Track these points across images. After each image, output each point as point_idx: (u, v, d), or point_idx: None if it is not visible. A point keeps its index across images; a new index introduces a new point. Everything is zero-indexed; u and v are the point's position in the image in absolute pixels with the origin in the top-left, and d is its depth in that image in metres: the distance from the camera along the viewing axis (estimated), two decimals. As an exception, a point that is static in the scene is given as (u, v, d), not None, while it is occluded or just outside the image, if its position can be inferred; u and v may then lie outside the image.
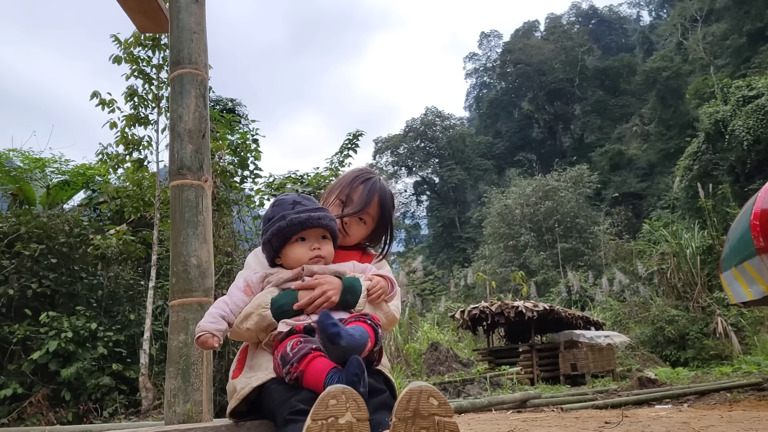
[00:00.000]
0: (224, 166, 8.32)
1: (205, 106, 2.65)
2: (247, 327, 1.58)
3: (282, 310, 1.56)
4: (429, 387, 1.29)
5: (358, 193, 1.88)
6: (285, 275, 1.65)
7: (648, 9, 74.26)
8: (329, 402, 1.24)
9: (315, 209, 1.69)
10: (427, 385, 1.30)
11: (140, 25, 3.52)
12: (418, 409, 1.27)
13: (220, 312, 1.61)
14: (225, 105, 19.62)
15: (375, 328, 1.52)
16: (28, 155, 10.53)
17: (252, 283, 1.67)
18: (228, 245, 8.33)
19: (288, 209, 1.69)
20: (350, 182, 1.91)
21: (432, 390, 1.29)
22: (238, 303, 1.64)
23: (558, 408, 6.13)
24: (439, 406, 1.28)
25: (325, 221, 1.68)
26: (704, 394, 6.83)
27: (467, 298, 27.67)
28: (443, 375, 11.07)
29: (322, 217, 1.67)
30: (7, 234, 7.59)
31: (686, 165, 26.83)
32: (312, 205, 1.71)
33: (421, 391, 1.28)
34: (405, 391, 1.29)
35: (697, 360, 15.07)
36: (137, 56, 7.89)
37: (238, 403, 1.59)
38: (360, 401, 1.27)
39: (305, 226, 1.65)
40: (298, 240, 1.68)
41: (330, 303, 1.57)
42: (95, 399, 7.16)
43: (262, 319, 1.56)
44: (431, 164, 58.19)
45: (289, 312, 1.56)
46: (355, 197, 1.87)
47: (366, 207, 1.85)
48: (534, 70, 58.99)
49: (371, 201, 1.87)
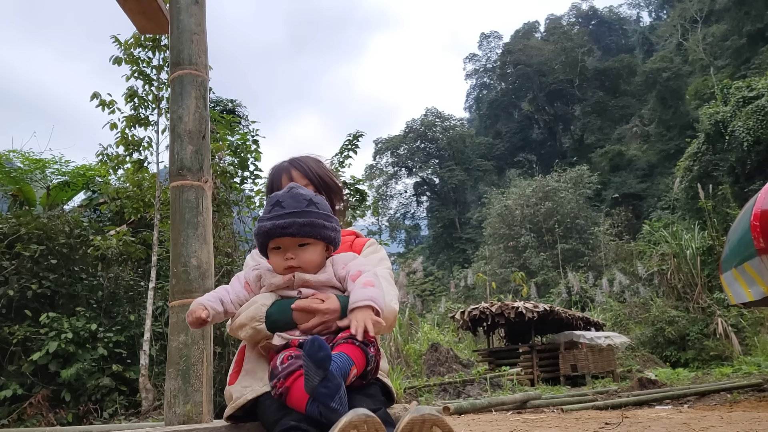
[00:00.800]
0: (224, 167, 8.32)
1: (205, 107, 2.65)
2: (242, 336, 1.57)
3: (276, 325, 1.52)
4: (432, 416, 1.21)
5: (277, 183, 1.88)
6: (276, 281, 1.58)
7: (648, 10, 74.31)
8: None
9: (285, 215, 1.52)
10: (430, 413, 1.23)
11: (140, 26, 3.53)
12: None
13: (219, 296, 1.57)
14: (225, 106, 19.64)
15: (366, 353, 1.42)
16: (29, 156, 10.53)
17: (250, 281, 1.63)
18: (228, 246, 8.34)
19: (266, 212, 1.57)
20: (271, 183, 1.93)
21: (436, 419, 1.22)
22: (239, 295, 1.60)
23: (558, 409, 6.13)
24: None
25: (292, 230, 1.52)
26: (704, 395, 6.83)
27: (467, 298, 27.68)
28: (443, 376, 11.07)
29: (288, 225, 1.51)
30: (8, 235, 7.59)
31: (686, 166, 26.83)
32: (291, 207, 1.54)
33: (424, 421, 1.20)
34: (407, 420, 1.21)
35: (697, 361, 15.07)
36: (137, 57, 7.90)
37: (233, 411, 1.59)
38: (381, 429, 1.20)
39: (270, 236, 1.54)
40: (273, 248, 1.57)
41: (330, 330, 1.51)
42: (95, 400, 7.15)
43: (256, 332, 1.53)
44: (431, 165, 58.21)
45: (282, 327, 1.52)
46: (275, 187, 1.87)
47: (274, 188, 1.86)
48: (534, 71, 59.00)
49: (278, 178, 1.89)
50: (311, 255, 1.57)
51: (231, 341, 7.54)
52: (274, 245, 1.56)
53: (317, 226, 1.55)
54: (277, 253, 1.57)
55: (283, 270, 1.57)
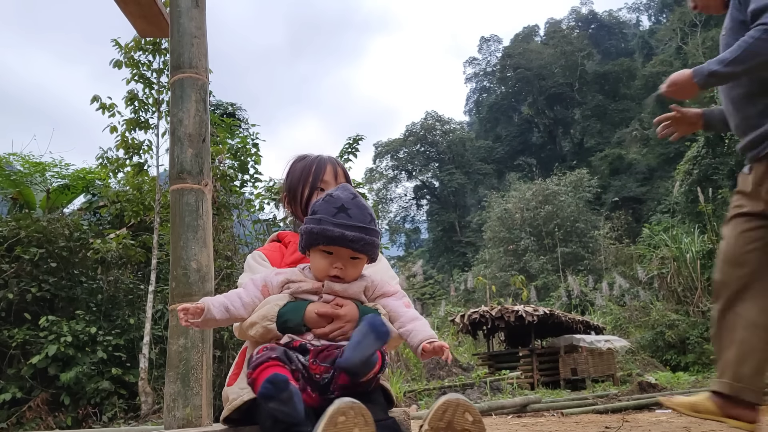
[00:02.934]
0: (224, 170, 8.32)
1: (205, 110, 2.66)
2: (252, 335, 1.55)
3: (287, 325, 1.51)
4: (466, 402, 1.27)
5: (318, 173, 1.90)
6: (305, 287, 1.57)
7: (647, 14, 74.45)
8: (338, 419, 1.22)
9: (354, 227, 1.50)
10: (464, 399, 1.28)
11: (141, 30, 3.54)
12: (452, 422, 1.25)
13: (227, 302, 1.55)
14: (225, 109, 19.67)
15: (383, 357, 1.45)
16: (29, 159, 10.52)
17: (272, 285, 1.60)
18: (228, 249, 8.33)
19: (330, 213, 1.52)
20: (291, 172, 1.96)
21: (469, 405, 1.27)
22: (254, 299, 1.58)
23: (558, 412, 6.12)
24: (474, 422, 1.26)
25: (357, 245, 1.50)
26: (705, 398, 6.81)
27: (467, 302, 27.66)
28: (443, 379, 11.06)
29: (356, 239, 1.49)
30: (7, 238, 7.59)
31: (686, 169, 26.83)
32: (357, 219, 1.51)
33: (458, 405, 1.26)
34: (442, 401, 1.26)
35: (697, 364, 15.05)
36: (138, 60, 7.90)
37: (230, 413, 1.59)
38: (368, 416, 1.24)
39: (333, 242, 1.51)
40: (324, 252, 1.55)
41: (345, 337, 1.51)
42: (94, 403, 7.14)
43: (266, 331, 1.51)
44: (431, 168, 58.26)
45: (295, 329, 1.51)
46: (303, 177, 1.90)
47: (319, 176, 1.89)
48: (534, 75, 59.09)
49: (322, 168, 1.91)
50: (357, 270, 1.59)
51: (231, 344, 7.53)
52: (327, 250, 1.53)
53: (375, 246, 1.56)
54: (325, 257, 1.55)
55: (325, 276, 1.56)
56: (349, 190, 1.58)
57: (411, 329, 1.53)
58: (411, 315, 1.57)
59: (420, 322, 1.54)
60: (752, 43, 2.17)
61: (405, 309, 1.58)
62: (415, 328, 1.52)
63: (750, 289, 2.45)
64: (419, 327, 1.53)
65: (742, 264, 2.47)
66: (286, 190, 1.96)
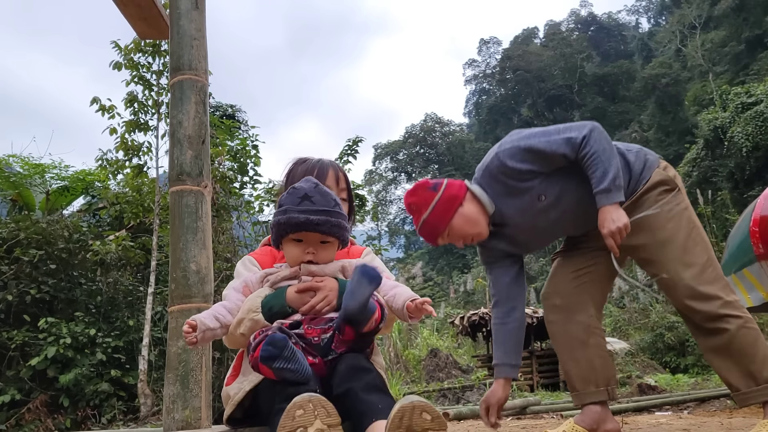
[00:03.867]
0: (224, 172, 8.32)
1: (205, 112, 2.66)
2: (241, 332, 1.56)
3: (273, 312, 1.53)
4: (421, 402, 1.26)
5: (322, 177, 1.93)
6: (283, 273, 1.62)
7: (647, 16, 74.56)
8: (296, 413, 1.23)
9: (319, 211, 1.56)
10: (419, 399, 1.28)
11: (141, 32, 3.53)
12: (411, 425, 1.24)
13: (214, 312, 1.59)
14: (225, 111, 19.67)
15: (382, 304, 1.53)
16: (28, 161, 10.52)
17: (251, 283, 1.65)
18: (227, 251, 8.32)
19: (294, 203, 1.58)
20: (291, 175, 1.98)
21: (425, 405, 1.26)
22: (236, 303, 1.61)
23: (558, 415, 6.12)
24: (433, 420, 1.26)
25: (324, 227, 1.57)
26: (704, 400, 6.81)
27: (467, 304, 27.64)
28: (443, 381, 11.05)
29: (322, 222, 1.56)
30: (7, 240, 7.58)
31: (685, 171, 26.86)
32: (321, 204, 1.58)
33: (413, 407, 1.25)
34: (397, 407, 1.25)
35: (697, 367, 15.02)
36: (137, 62, 7.91)
37: (233, 410, 1.59)
38: (329, 407, 1.25)
39: (300, 228, 1.57)
40: (294, 240, 1.61)
41: (330, 307, 1.55)
42: (94, 405, 7.13)
43: (254, 323, 1.53)
44: (431, 170, 58.24)
45: (280, 313, 1.54)
46: None
47: (321, 181, 1.87)
48: (533, 77, 59.15)
49: (324, 173, 1.96)
50: (329, 253, 1.65)
51: (230, 346, 7.51)
52: (297, 237, 1.60)
53: (342, 227, 1.62)
54: (297, 245, 1.61)
55: (298, 263, 1.62)
56: (311, 181, 1.64)
57: (393, 294, 1.60)
58: (392, 284, 1.66)
59: (401, 288, 1.62)
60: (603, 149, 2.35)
61: (385, 279, 1.64)
62: (396, 293, 1.60)
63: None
64: (400, 291, 1.60)
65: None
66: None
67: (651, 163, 2.53)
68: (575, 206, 2.49)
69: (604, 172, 2.29)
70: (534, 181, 2.42)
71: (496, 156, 2.45)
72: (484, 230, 2.47)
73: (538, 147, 2.38)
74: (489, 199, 2.46)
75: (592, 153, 2.31)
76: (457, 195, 2.43)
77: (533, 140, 2.40)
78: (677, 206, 2.46)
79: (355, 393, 1.36)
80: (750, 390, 2.31)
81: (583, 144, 2.33)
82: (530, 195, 2.44)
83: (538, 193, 2.44)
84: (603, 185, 2.29)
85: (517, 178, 2.41)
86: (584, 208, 2.44)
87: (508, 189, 2.44)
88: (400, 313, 1.58)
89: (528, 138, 2.43)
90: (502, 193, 2.46)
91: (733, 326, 2.30)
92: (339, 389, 1.40)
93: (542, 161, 2.39)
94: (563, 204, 2.48)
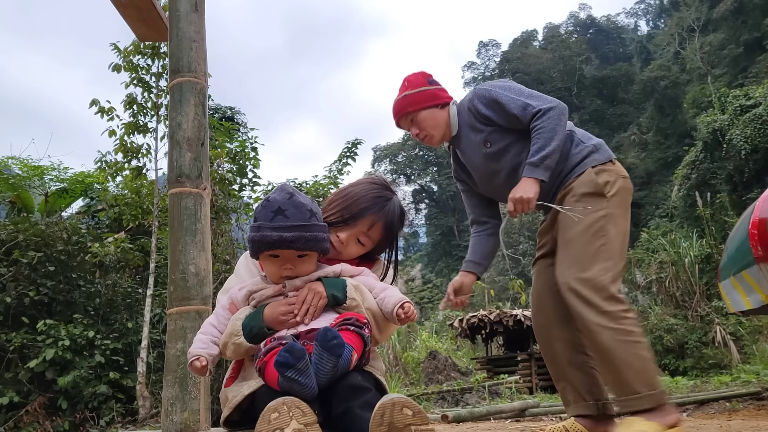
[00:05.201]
0: (223, 174, 8.32)
1: (204, 114, 2.66)
2: (229, 355, 1.58)
3: (253, 333, 1.52)
4: (401, 398, 1.27)
5: (362, 214, 1.75)
6: (267, 293, 1.60)
7: (645, 19, 74.69)
8: (271, 416, 1.24)
9: (292, 227, 1.50)
10: (399, 396, 1.28)
11: (140, 34, 3.54)
12: (393, 422, 1.25)
13: (209, 338, 1.59)
14: (224, 113, 19.67)
15: (362, 335, 1.47)
16: (27, 163, 10.52)
17: (237, 301, 1.64)
18: (226, 253, 8.32)
19: (267, 218, 1.53)
20: (359, 201, 1.77)
21: (405, 400, 1.27)
22: (224, 323, 1.61)
23: (557, 417, 6.11)
24: (414, 415, 1.27)
25: (298, 244, 1.51)
26: (703, 403, 6.81)
27: (466, 306, 27.63)
28: (442, 384, 11.04)
29: (296, 239, 1.50)
30: (5, 242, 7.58)
31: (684, 174, 26.89)
32: (294, 219, 1.51)
33: (393, 404, 1.26)
34: (377, 406, 1.26)
35: (696, 369, 15.01)
36: (137, 64, 7.91)
37: (230, 412, 1.59)
38: (304, 407, 1.26)
39: (274, 247, 1.52)
40: (271, 256, 1.57)
41: (323, 301, 1.55)
42: (92, 407, 7.12)
43: (237, 347, 1.54)
44: (430, 172, 58.31)
45: (261, 334, 1.52)
46: (359, 218, 1.75)
47: (369, 229, 1.77)
48: (532, 79, 59.15)
49: (375, 224, 1.77)
50: (308, 266, 1.61)
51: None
52: (272, 254, 1.56)
53: (320, 240, 1.56)
54: (274, 262, 1.58)
55: (278, 279, 1.59)
56: (286, 190, 1.58)
57: (383, 297, 1.61)
58: (382, 286, 1.66)
59: (390, 290, 1.63)
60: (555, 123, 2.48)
61: (375, 281, 1.67)
62: (386, 296, 1.60)
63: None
64: (390, 293, 1.61)
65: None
66: (346, 212, 1.79)
67: (590, 161, 2.53)
68: (510, 168, 2.61)
69: (540, 147, 2.41)
70: (489, 128, 2.61)
71: (473, 92, 2.70)
72: (438, 138, 2.74)
73: (501, 101, 2.55)
74: (457, 123, 2.71)
75: (540, 127, 2.44)
76: (441, 97, 2.72)
77: (502, 93, 2.57)
78: (594, 213, 2.43)
79: (353, 411, 1.36)
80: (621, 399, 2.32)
81: (536, 115, 2.46)
82: (481, 138, 2.64)
83: (486, 139, 2.63)
84: (533, 158, 2.42)
85: (477, 119, 2.63)
86: (517, 176, 2.53)
87: (470, 124, 2.67)
88: (390, 317, 1.58)
89: (501, 89, 2.59)
90: (466, 124, 2.69)
91: (605, 337, 2.29)
92: (338, 409, 1.40)
93: (500, 114, 2.57)
94: (503, 161, 2.62)
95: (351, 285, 1.60)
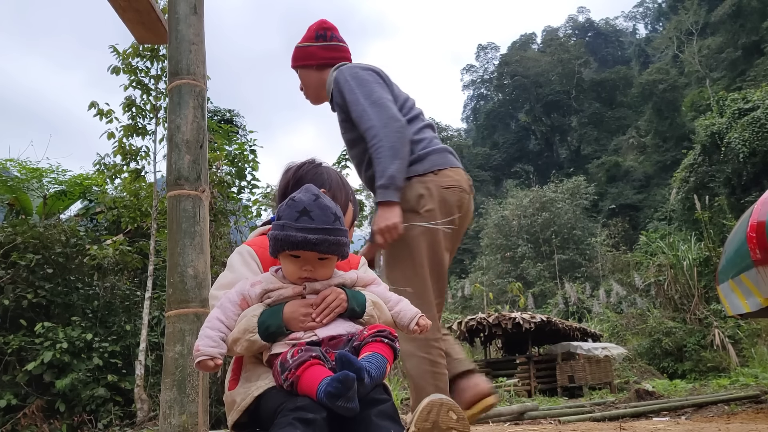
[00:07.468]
0: (222, 177, 8.33)
1: (203, 116, 2.66)
2: (238, 351, 1.54)
3: (269, 332, 1.50)
4: (450, 401, 1.32)
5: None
6: (286, 293, 1.57)
7: (644, 22, 74.88)
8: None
9: (316, 230, 1.50)
10: (448, 398, 1.33)
11: (139, 37, 3.54)
12: (438, 421, 1.30)
13: (219, 334, 1.54)
14: (223, 116, 19.65)
15: (394, 348, 1.48)
16: (26, 165, 10.51)
17: (250, 297, 1.59)
18: (225, 256, 8.31)
19: (292, 218, 1.51)
20: (288, 185, 1.84)
21: (452, 404, 1.32)
22: (233, 318, 1.57)
23: (555, 420, 6.11)
24: (458, 420, 1.31)
25: (322, 247, 1.50)
26: (702, 406, 6.81)
27: (464, 309, 27.61)
28: (440, 387, 11.00)
29: (320, 242, 1.49)
30: (3, 244, 7.56)
31: (682, 177, 26.91)
32: (320, 221, 1.51)
33: (441, 404, 1.31)
34: (426, 402, 1.31)
35: (694, 372, 15.04)
36: (135, 67, 7.91)
37: (240, 415, 1.58)
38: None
39: (297, 248, 1.51)
40: (292, 256, 1.55)
41: (342, 308, 1.54)
42: (90, 410, 7.10)
43: (251, 344, 1.51)
44: (428, 175, 58.19)
45: (277, 333, 1.51)
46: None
47: None
48: (531, 82, 59.29)
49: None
50: (328, 269, 1.60)
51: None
52: (294, 254, 1.54)
53: (342, 244, 1.55)
54: (294, 261, 1.56)
55: (297, 279, 1.57)
56: (312, 191, 1.57)
57: (398, 311, 1.66)
58: (396, 298, 1.70)
59: (404, 302, 1.68)
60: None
61: (390, 293, 1.71)
62: (401, 309, 1.66)
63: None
64: (405, 307, 1.67)
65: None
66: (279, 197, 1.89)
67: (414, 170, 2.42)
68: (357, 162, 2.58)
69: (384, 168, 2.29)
70: (342, 114, 2.54)
71: (339, 71, 2.54)
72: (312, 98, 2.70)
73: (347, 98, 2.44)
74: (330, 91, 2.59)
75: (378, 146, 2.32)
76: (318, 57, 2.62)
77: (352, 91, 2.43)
78: (408, 231, 2.33)
79: (370, 418, 1.36)
80: None
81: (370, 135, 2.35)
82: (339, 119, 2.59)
83: (341, 124, 2.57)
84: (380, 182, 2.29)
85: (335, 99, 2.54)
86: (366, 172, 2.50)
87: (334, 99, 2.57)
88: (405, 330, 1.63)
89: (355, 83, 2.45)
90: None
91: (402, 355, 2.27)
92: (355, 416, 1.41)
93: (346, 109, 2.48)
94: (353, 151, 2.58)
95: (370, 301, 1.60)
